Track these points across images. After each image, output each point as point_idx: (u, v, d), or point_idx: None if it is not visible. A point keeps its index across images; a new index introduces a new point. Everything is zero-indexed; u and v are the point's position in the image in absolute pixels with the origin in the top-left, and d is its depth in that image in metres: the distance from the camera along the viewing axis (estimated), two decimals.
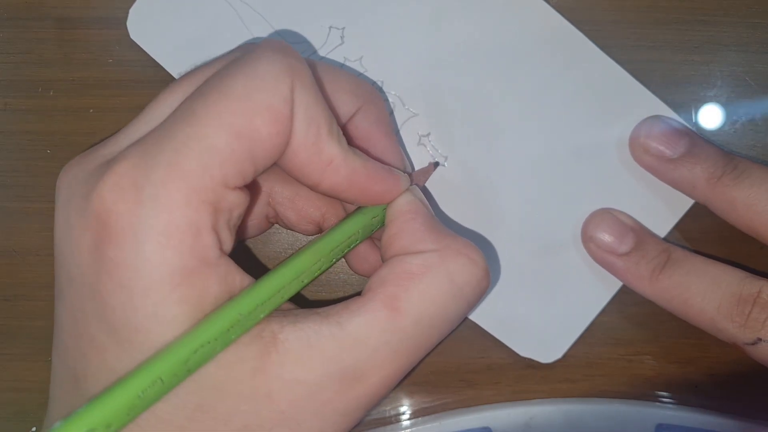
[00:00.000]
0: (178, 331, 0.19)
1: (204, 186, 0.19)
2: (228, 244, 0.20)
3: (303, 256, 0.21)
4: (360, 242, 0.23)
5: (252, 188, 0.23)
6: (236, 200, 0.20)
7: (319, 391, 0.20)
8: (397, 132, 0.28)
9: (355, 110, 0.24)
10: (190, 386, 0.19)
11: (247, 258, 0.29)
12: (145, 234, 0.18)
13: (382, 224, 0.24)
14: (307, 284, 0.21)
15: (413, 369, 0.22)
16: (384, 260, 0.22)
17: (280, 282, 0.20)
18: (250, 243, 0.29)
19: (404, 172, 0.24)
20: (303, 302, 0.29)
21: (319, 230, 0.26)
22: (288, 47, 0.21)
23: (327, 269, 0.22)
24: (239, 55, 0.21)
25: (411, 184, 0.24)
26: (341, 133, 0.21)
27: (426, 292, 0.21)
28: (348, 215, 0.23)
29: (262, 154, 0.20)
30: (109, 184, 0.19)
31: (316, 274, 0.22)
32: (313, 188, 0.22)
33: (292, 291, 0.21)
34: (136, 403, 0.18)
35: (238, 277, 0.20)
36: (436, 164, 0.28)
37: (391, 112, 0.28)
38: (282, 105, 0.20)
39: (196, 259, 0.19)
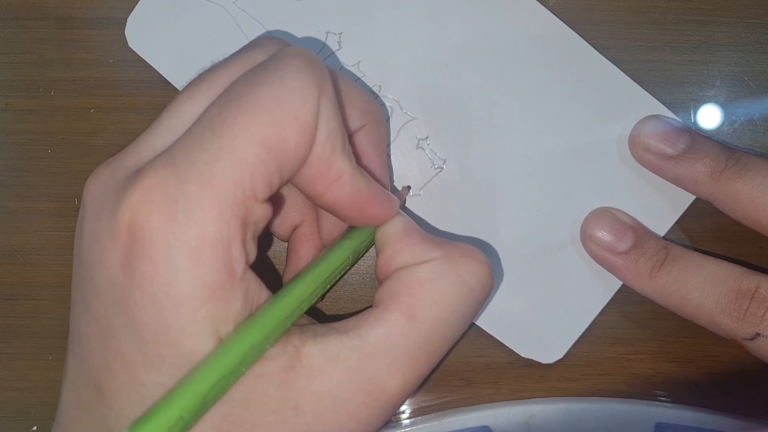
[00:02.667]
0: (203, 348, 0.19)
1: (235, 200, 0.19)
2: (252, 256, 0.20)
3: (302, 285, 0.22)
4: (350, 268, 0.24)
5: (275, 199, 0.23)
6: (263, 213, 0.20)
7: (345, 403, 0.20)
8: (391, 142, 0.28)
9: (359, 127, 0.24)
10: None
11: None
12: (178, 248, 0.18)
13: (369, 248, 0.24)
14: (306, 310, 0.22)
15: (430, 374, 0.22)
16: (381, 281, 0.22)
17: (286, 311, 0.21)
18: None
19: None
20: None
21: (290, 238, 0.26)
22: (315, 57, 0.21)
23: (322, 296, 0.23)
24: (260, 56, 0.21)
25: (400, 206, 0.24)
26: (351, 150, 0.21)
27: (440, 297, 0.21)
28: (335, 242, 0.24)
29: (289, 165, 0.20)
30: (140, 197, 0.18)
31: (314, 300, 0.22)
32: (313, 199, 0.22)
33: (294, 318, 0.21)
34: None
35: (257, 293, 0.20)
36: (409, 188, 0.28)
37: (388, 119, 0.28)
38: (309, 117, 0.20)
39: (225, 274, 0.19)
